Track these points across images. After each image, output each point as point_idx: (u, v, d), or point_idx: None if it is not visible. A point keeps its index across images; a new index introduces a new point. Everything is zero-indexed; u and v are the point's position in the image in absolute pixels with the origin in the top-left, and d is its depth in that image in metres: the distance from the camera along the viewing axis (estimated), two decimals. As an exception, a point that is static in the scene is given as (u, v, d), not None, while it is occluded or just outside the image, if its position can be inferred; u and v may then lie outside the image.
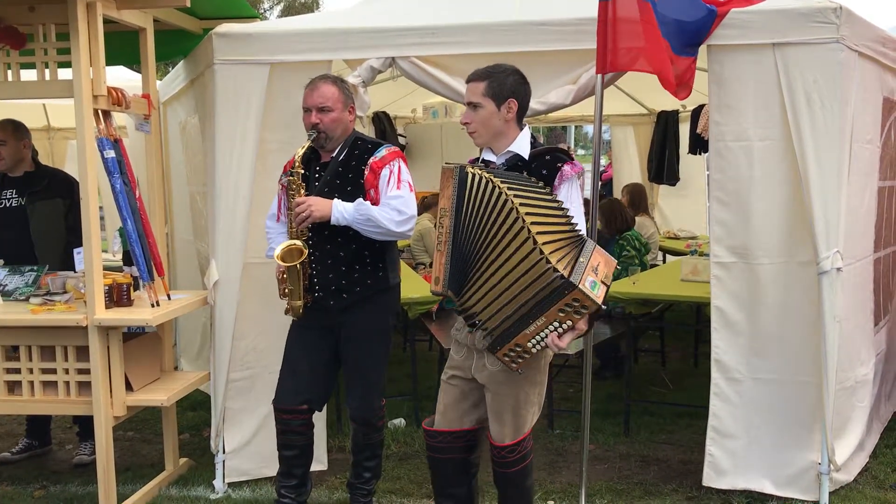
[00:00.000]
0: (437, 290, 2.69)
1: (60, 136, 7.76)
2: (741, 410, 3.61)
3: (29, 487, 3.98)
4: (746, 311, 3.56)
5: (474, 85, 2.81)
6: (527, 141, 2.87)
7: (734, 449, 3.63)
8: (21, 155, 4.17)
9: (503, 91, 2.80)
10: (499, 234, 2.60)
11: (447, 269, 2.68)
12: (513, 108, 2.83)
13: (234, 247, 3.74)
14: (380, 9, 3.98)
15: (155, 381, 3.81)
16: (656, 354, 6.10)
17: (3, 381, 3.55)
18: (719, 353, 3.63)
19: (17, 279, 3.87)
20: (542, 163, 2.82)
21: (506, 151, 2.86)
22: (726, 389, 3.62)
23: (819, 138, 3.36)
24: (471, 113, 2.83)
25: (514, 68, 2.87)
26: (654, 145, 7.93)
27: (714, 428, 3.65)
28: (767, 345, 3.56)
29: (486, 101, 2.80)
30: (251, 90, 3.67)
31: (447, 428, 2.98)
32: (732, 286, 3.57)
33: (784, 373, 3.56)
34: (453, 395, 2.98)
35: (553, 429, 4.63)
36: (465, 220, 2.66)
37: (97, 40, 3.33)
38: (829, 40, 3.31)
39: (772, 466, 3.61)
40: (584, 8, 3.41)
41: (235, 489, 3.88)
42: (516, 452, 2.90)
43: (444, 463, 3.02)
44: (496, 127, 2.83)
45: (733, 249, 3.55)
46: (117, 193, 3.48)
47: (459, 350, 2.98)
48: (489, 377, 2.86)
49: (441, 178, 2.74)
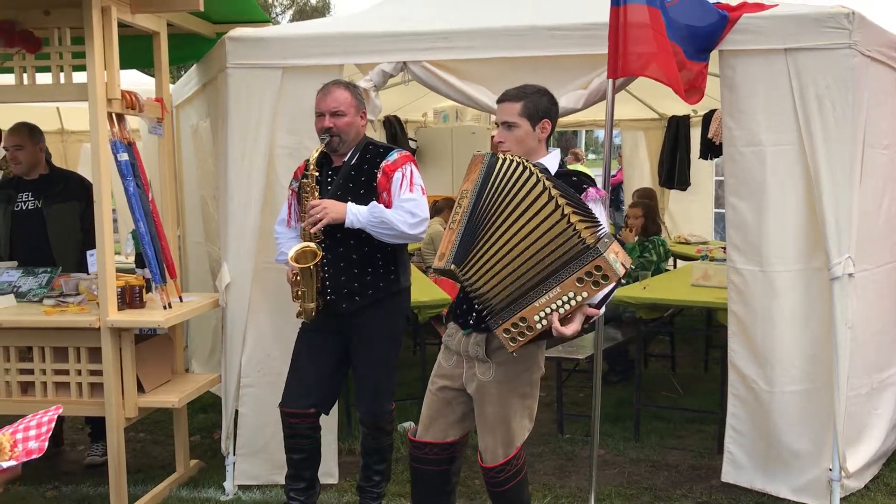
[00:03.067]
0: (440, 266, 2.59)
1: (74, 139, 7.82)
2: (759, 413, 3.59)
3: (41, 488, 4.00)
4: (763, 316, 3.53)
5: (509, 105, 2.80)
6: (556, 161, 2.86)
7: (752, 449, 3.65)
8: (37, 158, 4.20)
9: (538, 111, 2.81)
10: (522, 204, 2.52)
11: (455, 245, 2.59)
12: (546, 128, 2.83)
13: (246, 249, 3.76)
14: (391, 13, 3.99)
15: (166, 382, 3.83)
16: (667, 359, 6.09)
17: (16, 381, 3.58)
18: (736, 358, 3.61)
19: (31, 281, 3.90)
20: (569, 182, 2.76)
21: (535, 163, 2.83)
22: (744, 392, 3.62)
23: (831, 143, 3.34)
24: (505, 132, 2.82)
25: (545, 89, 2.86)
26: (665, 150, 7.91)
27: (733, 427, 3.66)
28: (784, 350, 3.51)
29: (522, 120, 2.79)
30: (263, 94, 3.69)
31: (432, 440, 2.95)
32: (748, 291, 3.54)
33: (801, 379, 3.52)
34: (439, 405, 2.94)
35: (563, 433, 4.63)
36: (487, 196, 2.58)
37: (112, 44, 3.36)
38: (841, 46, 3.30)
39: (788, 471, 3.59)
40: (595, 13, 3.41)
41: (245, 491, 3.89)
42: (506, 471, 2.86)
43: (429, 474, 3.00)
44: (530, 146, 2.82)
45: (749, 255, 3.52)
46: (130, 196, 3.51)
47: (449, 358, 2.93)
48: (480, 388, 2.82)
49: (470, 165, 2.69)
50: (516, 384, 2.81)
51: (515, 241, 2.52)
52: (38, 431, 1.89)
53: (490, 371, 2.80)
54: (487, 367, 2.81)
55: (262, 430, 3.88)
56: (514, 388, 2.81)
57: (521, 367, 2.81)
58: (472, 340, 2.82)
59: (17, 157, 4.15)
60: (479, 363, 2.82)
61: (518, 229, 2.52)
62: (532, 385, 2.86)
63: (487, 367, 2.81)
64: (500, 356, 2.78)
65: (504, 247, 2.53)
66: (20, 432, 1.89)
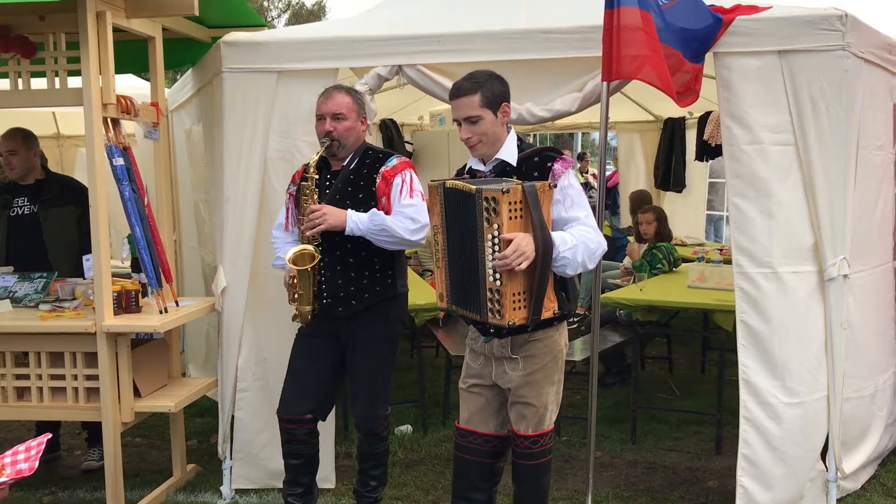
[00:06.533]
0: (444, 307, 2.86)
1: (70, 143, 7.80)
2: (776, 436, 3.38)
3: (38, 493, 4.00)
4: (779, 322, 3.37)
5: (467, 99, 2.79)
6: (513, 145, 2.88)
7: (769, 479, 3.40)
8: (31, 163, 4.20)
9: (496, 97, 2.82)
10: (472, 223, 2.66)
11: (448, 284, 2.80)
12: (507, 111, 2.86)
13: (242, 254, 3.76)
14: (386, 16, 4.00)
15: (163, 387, 3.83)
16: (663, 361, 6.09)
17: (12, 386, 3.58)
18: (749, 374, 3.40)
19: (27, 286, 3.90)
20: (532, 165, 2.83)
21: (493, 160, 2.88)
22: (758, 414, 3.39)
23: (825, 145, 3.34)
24: (470, 127, 2.82)
25: (491, 72, 2.87)
26: (661, 152, 7.93)
27: (746, 457, 3.41)
28: (795, 358, 3.38)
29: (484, 111, 2.80)
30: (259, 98, 3.69)
31: (477, 429, 3.00)
32: (762, 297, 3.37)
33: (810, 387, 3.41)
34: (477, 402, 3.01)
35: (560, 435, 4.62)
36: (452, 230, 2.76)
37: (107, 49, 3.36)
38: (834, 48, 3.30)
39: (799, 484, 3.45)
40: (589, 16, 3.42)
41: (242, 495, 3.89)
42: (539, 445, 2.92)
43: (470, 464, 3.03)
44: (495, 134, 2.85)
45: (759, 258, 3.38)
46: (126, 201, 3.50)
47: (476, 359, 3.01)
48: (511, 381, 2.89)
49: (429, 196, 2.83)
50: (546, 373, 2.88)
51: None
52: (27, 455, 1.90)
53: (519, 366, 2.87)
54: (516, 364, 2.87)
55: (259, 434, 3.88)
56: (545, 377, 2.88)
57: (547, 357, 2.88)
58: (497, 343, 2.88)
59: (12, 162, 4.15)
60: (507, 360, 2.88)
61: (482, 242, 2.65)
62: (560, 371, 2.94)
63: (515, 363, 2.87)
64: (526, 351, 2.86)
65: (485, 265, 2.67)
66: (8, 457, 1.90)
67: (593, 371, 3.56)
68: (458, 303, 2.80)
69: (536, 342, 2.86)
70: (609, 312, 5.20)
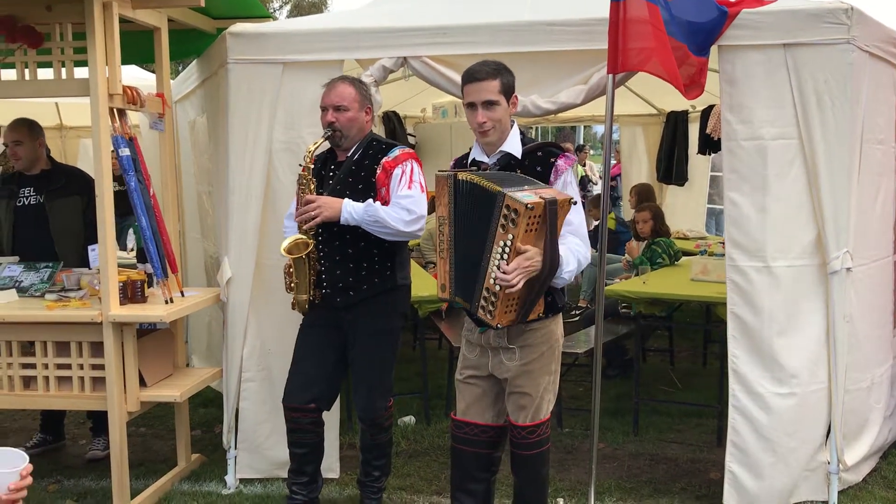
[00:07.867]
0: (445, 297, 2.83)
1: (73, 134, 7.81)
2: (764, 425, 3.44)
3: (43, 482, 4.01)
4: (769, 314, 3.43)
5: (488, 84, 2.79)
6: (517, 138, 2.90)
7: (758, 467, 3.46)
8: (37, 154, 4.21)
9: (510, 87, 2.85)
10: (484, 218, 2.65)
11: (451, 276, 2.79)
12: (516, 103, 2.89)
13: (247, 245, 3.77)
14: (391, 8, 4.00)
15: (168, 377, 3.84)
16: (665, 354, 6.11)
17: (18, 376, 3.60)
18: (738, 364, 3.46)
19: (33, 276, 3.91)
20: (535, 160, 2.86)
21: (498, 152, 2.89)
22: (747, 403, 3.45)
23: (829, 138, 3.35)
24: (486, 112, 2.81)
25: (502, 63, 2.89)
26: (664, 145, 7.93)
27: (735, 445, 3.47)
28: (787, 350, 3.43)
29: (501, 98, 2.82)
30: (264, 89, 3.70)
31: (474, 420, 3.02)
32: (753, 290, 3.43)
33: (806, 379, 3.44)
34: (474, 392, 3.02)
35: (562, 427, 4.65)
36: (461, 222, 2.75)
37: (113, 39, 3.37)
38: (839, 41, 3.31)
39: (791, 475, 3.49)
40: (595, 8, 3.42)
41: (247, 485, 3.91)
42: (536, 434, 2.94)
43: (468, 456, 3.05)
44: (506, 124, 2.87)
45: (751, 251, 3.43)
46: (132, 191, 3.52)
47: (472, 349, 3.02)
48: (508, 371, 2.91)
49: (436, 187, 2.82)
50: (542, 363, 2.90)
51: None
52: None
53: (515, 356, 2.89)
54: (512, 354, 2.89)
55: (263, 424, 3.90)
56: (542, 366, 2.90)
57: (543, 346, 2.90)
58: (493, 333, 2.90)
59: (17, 152, 4.16)
60: (504, 351, 2.90)
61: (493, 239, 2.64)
62: (556, 361, 2.96)
63: (512, 353, 2.89)
64: (523, 340, 2.88)
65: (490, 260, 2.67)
66: None
67: (596, 363, 3.57)
68: (460, 293, 2.81)
69: (533, 332, 2.88)
70: (611, 304, 5.21)
